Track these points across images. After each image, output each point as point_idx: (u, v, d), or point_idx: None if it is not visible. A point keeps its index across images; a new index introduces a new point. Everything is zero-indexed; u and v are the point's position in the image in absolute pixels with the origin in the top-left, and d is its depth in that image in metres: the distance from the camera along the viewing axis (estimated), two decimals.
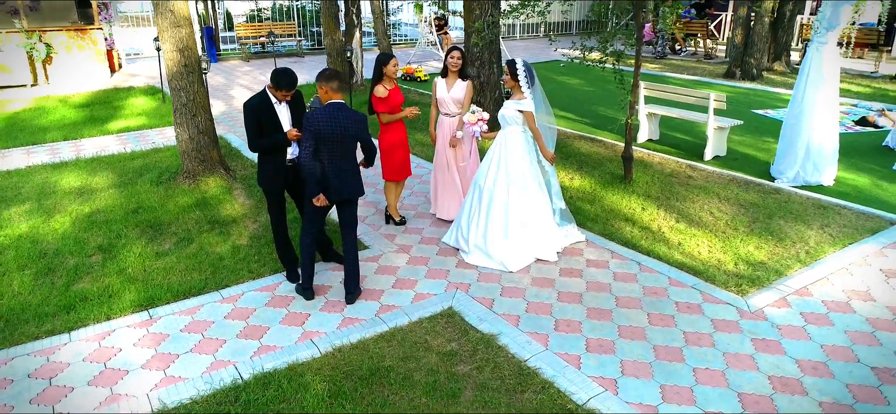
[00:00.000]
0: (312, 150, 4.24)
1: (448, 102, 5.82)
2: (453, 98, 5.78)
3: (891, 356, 3.89)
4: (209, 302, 4.63)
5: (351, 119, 4.31)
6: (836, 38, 6.70)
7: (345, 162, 4.36)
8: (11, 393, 3.64)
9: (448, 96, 5.81)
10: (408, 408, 3.45)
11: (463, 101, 5.76)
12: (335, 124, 4.24)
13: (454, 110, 5.82)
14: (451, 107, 5.81)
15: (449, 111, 5.85)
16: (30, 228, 6.02)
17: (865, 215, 6.13)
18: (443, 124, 5.90)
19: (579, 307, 4.49)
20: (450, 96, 5.80)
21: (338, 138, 4.25)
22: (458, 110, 5.81)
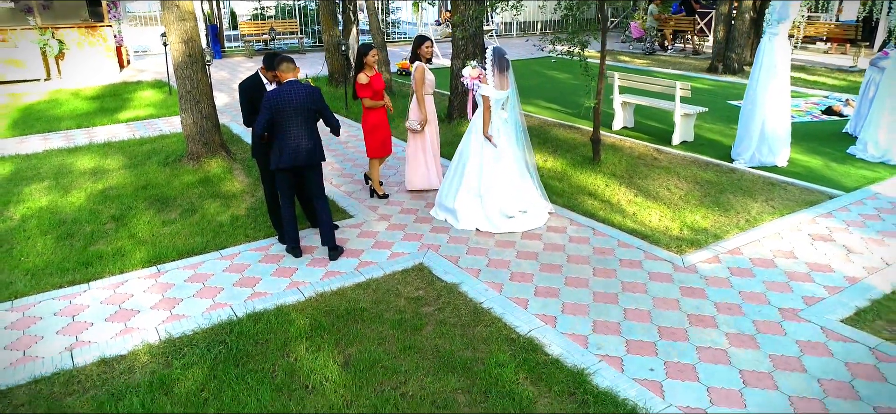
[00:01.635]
0: (266, 123, 4.86)
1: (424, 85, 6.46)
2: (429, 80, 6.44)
3: (798, 299, 4.47)
4: (210, 259, 5.26)
5: (305, 93, 4.92)
6: (786, 30, 7.27)
7: (303, 132, 4.93)
8: (40, 327, 4.28)
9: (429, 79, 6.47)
10: (377, 338, 4.07)
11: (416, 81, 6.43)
12: (291, 98, 4.86)
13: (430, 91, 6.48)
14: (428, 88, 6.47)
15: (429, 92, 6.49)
16: (49, 201, 6.67)
17: (809, 191, 6.71)
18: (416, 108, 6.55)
19: (534, 263, 5.09)
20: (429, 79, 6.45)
21: (294, 110, 4.86)
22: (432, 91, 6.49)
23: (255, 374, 3.70)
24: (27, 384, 3.67)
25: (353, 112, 10.56)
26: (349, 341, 4.04)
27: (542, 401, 3.44)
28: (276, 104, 4.86)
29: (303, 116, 4.93)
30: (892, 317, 4.26)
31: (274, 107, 4.86)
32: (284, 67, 4.93)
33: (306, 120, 4.95)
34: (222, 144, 8.00)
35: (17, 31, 14.16)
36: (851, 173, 7.30)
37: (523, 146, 6.02)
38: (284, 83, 4.93)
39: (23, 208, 6.48)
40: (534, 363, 3.75)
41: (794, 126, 9.49)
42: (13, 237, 5.78)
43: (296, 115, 4.90)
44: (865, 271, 4.88)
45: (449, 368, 3.73)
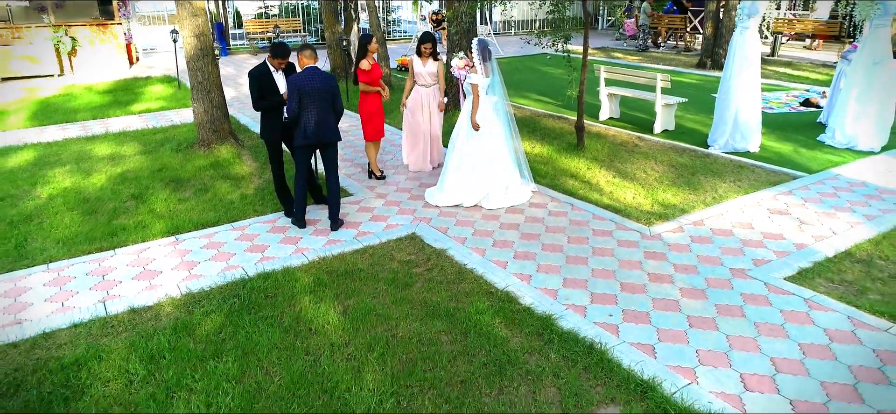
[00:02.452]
0: (298, 102, 5.40)
1: (425, 76, 7.04)
2: (428, 72, 7.01)
3: (748, 262, 5.00)
4: (223, 230, 5.82)
5: (323, 77, 5.47)
6: (756, 24, 7.79)
7: (322, 111, 5.48)
8: (74, 284, 4.84)
9: (424, 71, 7.03)
10: (372, 292, 4.61)
11: (436, 75, 7.03)
12: (312, 82, 5.40)
13: (430, 82, 7.06)
14: (427, 79, 7.05)
15: (425, 83, 7.07)
16: (72, 183, 7.24)
17: (775, 173, 7.23)
18: (418, 93, 7.12)
19: (515, 232, 5.63)
20: (425, 71, 7.02)
21: (315, 92, 5.40)
22: (433, 82, 7.06)
23: (265, 319, 4.25)
24: (68, 328, 4.22)
25: (353, 104, 11.09)
26: (347, 295, 4.58)
27: (514, 340, 3.98)
28: (301, 87, 5.39)
29: (322, 98, 5.47)
30: (830, 275, 4.78)
31: (299, 89, 5.40)
32: (307, 54, 5.48)
33: (325, 101, 5.48)
34: (231, 132, 8.55)
35: (32, 29, 14.77)
36: (818, 158, 7.82)
37: (510, 130, 6.56)
38: (305, 69, 5.47)
39: (49, 189, 7.04)
40: (509, 311, 4.29)
41: (772, 116, 10.09)
42: (42, 213, 6.34)
43: (316, 96, 5.43)
44: (813, 239, 5.41)
45: (434, 315, 4.27)
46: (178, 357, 3.84)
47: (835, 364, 3.69)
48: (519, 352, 3.84)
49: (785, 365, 3.68)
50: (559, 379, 3.59)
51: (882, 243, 5.30)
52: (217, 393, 3.51)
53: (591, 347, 3.85)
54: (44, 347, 4.03)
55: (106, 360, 3.84)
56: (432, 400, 3.44)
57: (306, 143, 5.57)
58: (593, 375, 3.63)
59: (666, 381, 3.52)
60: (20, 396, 3.55)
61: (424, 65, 7.06)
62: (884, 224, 5.68)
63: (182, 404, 3.43)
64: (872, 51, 8.03)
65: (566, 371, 3.65)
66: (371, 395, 3.47)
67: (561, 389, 3.50)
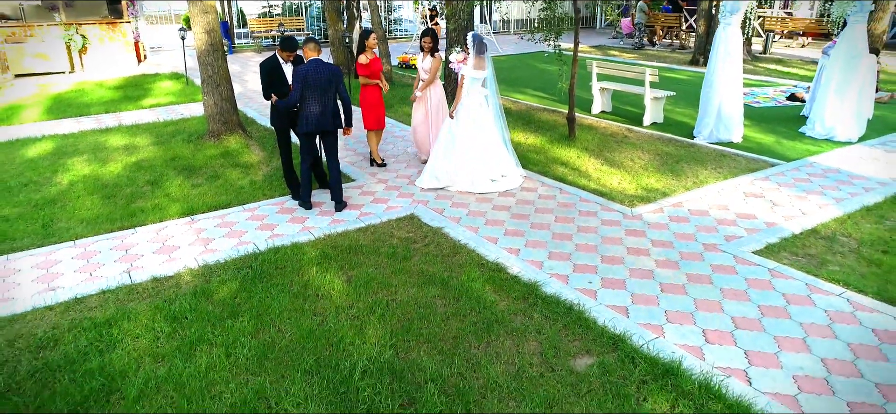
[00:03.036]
0: (300, 92, 5.82)
1: (421, 71, 7.42)
2: (424, 68, 7.37)
3: (720, 238, 5.41)
4: (235, 211, 6.24)
5: (327, 68, 5.88)
6: (738, 21, 8.20)
7: (324, 101, 5.89)
8: (100, 258, 5.27)
9: (422, 66, 7.41)
10: (374, 264, 5.03)
11: (429, 71, 7.33)
12: (316, 72, 5.81)
13: (424, 77, 7.42)
14: (422, 75, 7.40)
15: (423, 78, 7.44)
16: (91, 170, 7.67)
17: (754, 161, 7.64)
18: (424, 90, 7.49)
19: (506, 213, 6.05)
20: (422, 67, 7.40)
21: (319, 82, 5.82)
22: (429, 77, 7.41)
23: (276, 286, 4.68)
24: (97, 294, 4.65)
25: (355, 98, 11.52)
26: (351, 267, 5.01)
27: (502, 303, 4.40)
28: (305, 77, 5.81)
29: (324, 89, 5.88)
30: (794, 250, 5.19)
31: (304, 80, 5.81)
32: (311, 47, 5.91)
33: (327, 92, 5.90)
34: (239, 123, 8.98)
35: (44, 27, 15.22)
36: (797, 147, 8.23)
37: (501, 122, 6.97)
38: (309, 61, 5.90)
39: (69, 176, 7.47)
40: (498, 279, 4.71)
41: (758, 110, 10.51)
42: (65, 197, 6.78)
43: (319, 87, 5.85)
44: (783, 219, 5.82)
45: (430, 283, 4.69)
46: (199, 317, 4.27)
47: (790, 323, 4.10)
48: (506, 313, 4.26)
49: (744, 323, 4.10)
50: (541, 335, 4.01)
51: (846, 222, 5.70)
52: (235, 346, 3.93)
53: (571, 309, 4.26)
54: (76, 309, 4.46)
55: (134, 320, 4.27)
56: (427, 351, 3.86)
57: (308, 131, 5.99)
58: (572, 331, 4.04)
59: (636, 335, 3.94)
60: (59, 348, 3.97)
61: (423, 60, 7.44)
62: (850, 206, 6.08)
63: (205, 355, 3.86)
64: (849, 46, 8.44)
65: (547, 328, 4.07)
66: (372, 347, 3.90)
67: (542, 343, 3.92)
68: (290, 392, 3.50)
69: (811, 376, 3.56)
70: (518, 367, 3.70)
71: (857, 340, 3.89)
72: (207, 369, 3.71)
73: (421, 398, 3.43)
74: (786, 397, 3.39)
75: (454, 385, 3.53)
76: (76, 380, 3.64)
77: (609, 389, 3.47)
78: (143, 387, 3.56)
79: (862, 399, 3.37)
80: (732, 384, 3.47)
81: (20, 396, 3.53)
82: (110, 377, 3.66)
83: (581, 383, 3.53)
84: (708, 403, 3.32)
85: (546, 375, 3.62)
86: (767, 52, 16.96)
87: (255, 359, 3.81)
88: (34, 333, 4.15)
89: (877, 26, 14.10)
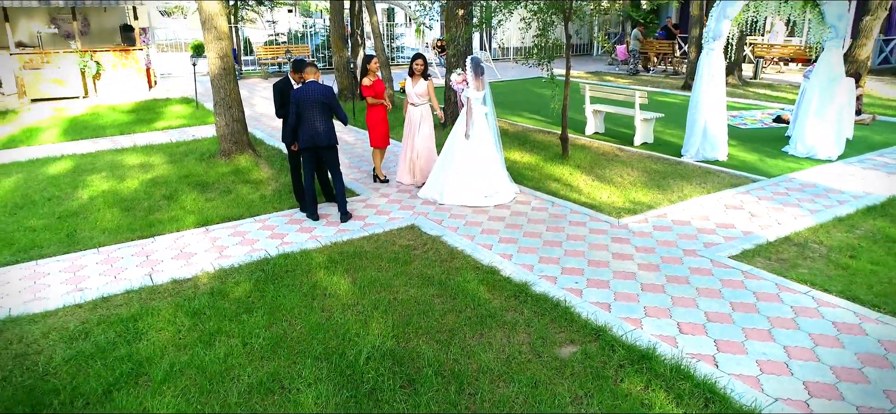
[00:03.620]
0: (295, 113, 6.29)
1: (412, 95, 7.81)
2: (418, 92, 7.78)
3: (700, 244, 5.80)
4: (247, 222, 6.66)
5: (320, 89, 6.35)
6: (721, 46, 8.68)
7: (319, 119, 6.34)
8: (123, 263, 5.67)
9: (412, 91, 7.80)
10: (377, 268, 5.43)
11: (423, 95, 7.73)
12: (310, 94, 6.29)
13: (419, 102, 7.80)
14: (416, 99, 7.79)
15: (414, 102, 7.82)
16: (109, 186, 8.11)
17: (737, 177, 8.06)
18: (408, 112, 7.87)
19: (500, 223, 6.46)
20: (414, 91, 7.79)
21: (313, 102, 6.29)
22: (421, 102, 7.77)
23: (287, 287, 5.07)
24: (122, 293, 5.05)
25: (360, 122, 12.02)
26: (356, 270, 5.40)
27: (494, 301, 4.78)
28: (298, 98, 6.29)
29: (319, 108, 6.35)
30: (768, 255, 5.58)
31: (297, 100, 6.30)
32: (308, 70, 6.40)
33: (321, 110, 6.37)
34: (249, 143, 9.45)
35: (60, 54, 15.83)
36: (779, 165, 8.66)
37: (497, 139, 7.42)
38: (306, 82, 6.38)
39: (89, 191, 7.92)
40: (491, 280, 5.10)
41: (745, 131, 10.96)
42: (86, 210, 7.20)
43: (313, 106, 6.32)
44: (760, 228, 6.21)
45: (429, 284, 5.08)
46: (217, 313, 4.66)
47: (758, 317, 4.47)
48: (498, 309, 4.64)
49: (715, 317, 4.48)
50: (530, 327, 4.39)
51: (819, 231, 6.10)
52: (250, 337, 4.32)
53: (558, 305, 4.64)
54: (103, 307, 4.85)
55: (157, 315, 4.66)
56: (425, 341, 4.23)
57: (305, 147, 6.45)
58: (558, 324, 4.42)
59: (616, 327, 4.32)
60: (90, 339, 4.36)
61: (415, 85, 7.72)
62: (824, 217, 6.48)
63: (223, 345, 4.24)
64: (827, 70, 8.91)
65: (536, 322, 4.45)
66: (376, 337, 4.27)
67: (531, 334, 4.30)
68: (302, 375, 3.87)
69: (773, 360, 3.93)
70: (508, 354, 4.07)
71: (819, 332, 4.26)
72: (226, 356, 4.09)
73: (420, 380, 3.80)
74: (749, 378, 3.75)
75: (450, 369, 3.91)
76: (108, 365, 4.02)
77: (590, 372, 3.84)
78: (168, 370, 3.94)
79: (817, 379, 3.73)
80: (701, 367, 3.84)
81: (57, 379, 3.91)
82: (138, 363, 4.04)
83: (565, 368, 3.90)
84: (678, 383, 3.68)
85: (533, 361, 3.99)
86: (758, 77, 17.51)
87: (268, 348, 4.19)
88: (66, 327, 4.54)
89: (860, 52, 14.65)
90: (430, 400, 3.60)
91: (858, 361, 3.91)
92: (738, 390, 3.61)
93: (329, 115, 6.48)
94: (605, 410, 3.50)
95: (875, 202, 6.89)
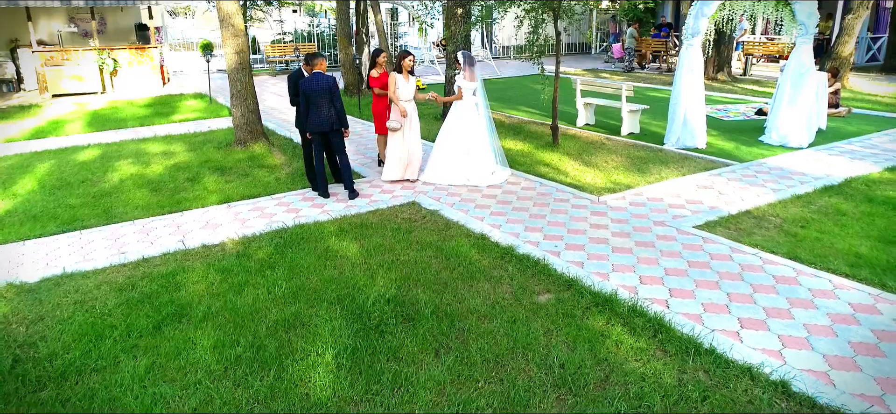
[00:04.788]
0: (304, 102, 7.05)
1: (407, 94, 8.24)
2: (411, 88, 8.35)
3: (668, 217, 6.52)
4: (264, 200, 7.41)
5: (325, 79, 7.09)
6: (699, 42, 9.38)
7: (325, 107, 7.07)
8: (157, 233, 6.42)
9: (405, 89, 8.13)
10: (381, 236, 6.16)
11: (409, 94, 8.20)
12: (316, 84, 7.03)
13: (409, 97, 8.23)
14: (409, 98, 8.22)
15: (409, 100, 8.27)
16: (136, 171, 8.87)
17: (712, 162, 8.77)
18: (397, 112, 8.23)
19: (492, 200, 7.19)
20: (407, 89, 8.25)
21: (319, 91, 7.02)
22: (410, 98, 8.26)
23: (302, 250, 5.81)
24: (159, 255, 5.79)
25: (365, 115, 12.76)
26: (363, 237, 6.14)
27: (483, 261, 5.50)
28: (306, 88, 7.04)
29: (324, 96, 7.09)
30: (728, 225, 6.29)
31: (305, 90, 7.05)
32: (316, 62, 7.14)
33: (327, 98, 7.10)
34: (263, 133, 10.20)
35: (79, 52, 16.63)
36: (754, 152, 9.35)
37: (491, 127, 8.14)
38: (313, 73, 7.12)
39: (118, 175, 8.68)
40: (481, 245, 5.83)
41: (728, 122, 11.65)
42: (118, 190, 7.96)
43: (319, 95, 7.06)
44: (725, 203, 6.92)
45: (427, 248, 5.81)
46: (243, 269, 5.40)
47: (709, 271, 5.19)
48: (486, 266, 5.37)
49: (673, 271, 5.19)
50: (513, 281, 5.11)
51: (777, 206, 6.80)
52: (273, 287, 5.05)
53: (538, 263, 5.37)
54: (144, 266, 5.60)
55: (191, 272, 5.40)
56: (423, 291, 4.96)
57: (313, 131, 7.19)
58: (537, 278, 5.14)
59: (586, 279, 5.04)
60: (136, 290, 5.10)
61: (407, 81, 7.93)
62: (784, 195, 7.18)
63: (250, 293, 4.97)
64: (798, 63, 9.61)
65: (518, 276, 5.17)
66: (381, 287, 5.01)
67: (513, 286, 5.02)
68: (319, 314, 4.61)
69: (716, 303, 4.65)
70: (493, 300, 4.80)
71: (759, 283, 4.97)
72: (253, 301, 4.83)
73: (418, 318, 4.52)
74: (693, 316, 4.47)
75: (443, 310, 4.63)
76: (155, 307, 4.76)
77: (561, 313, 4.56)
78: (206, 311, 4.68)
79: (749, 316, 4.45)
80: (654, 307, 4.56)
81: (113, 318, 4.65)
82: (180, 306, 4.78)
83: (540, 310, 4.62)
84: (633, 319, 4.40)
85: (514, 305, 4.71)
86: (747, 73, 18.17)
87: (289, 295, 4.92)
88: (115, 280, 5.29)
89: (843, 49, 15.34)
90: (426, 332, 4.33)
91: (787, 303, 4.62)
92: (682, 323, 4.33)
93: (333, 103, 7.21)
94: (570, 338, 4.22)
95: (833, 183, 7.58)
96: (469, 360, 3.99)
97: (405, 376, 3.84)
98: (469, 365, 3.93)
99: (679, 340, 4.12)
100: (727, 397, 3.56)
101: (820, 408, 3.47)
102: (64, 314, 4.73)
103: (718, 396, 3.57)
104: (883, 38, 20.64)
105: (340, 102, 7.27)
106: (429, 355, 4.07)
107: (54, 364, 4.07)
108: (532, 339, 4.23)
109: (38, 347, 4.29)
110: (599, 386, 3.71)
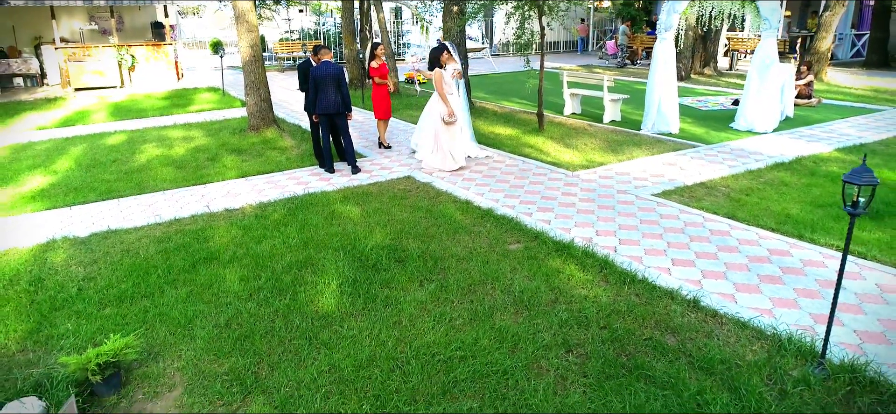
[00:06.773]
0: (313, 87, 7.98)
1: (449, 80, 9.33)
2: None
3: (632, 187, 7.42)
4: (277, 175, 8.37)
5: (333, 67, 8.02)
6: (672, 35, 10.28)
7: (332, 92, 8.00)
8: (184, 200, 7.39)
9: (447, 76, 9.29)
10: (379, 202, 7.10)
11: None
12: (324, 71, 7.96)
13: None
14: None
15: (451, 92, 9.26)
16: (161, 152, 9.85)
17: (682, 144, 9.66)
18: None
19: (478, 175, 8.12)
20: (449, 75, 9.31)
21: (327, 77, 7.95)
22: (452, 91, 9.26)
23: (312, 213, 6.75)
24: (188, 217, 6.75)
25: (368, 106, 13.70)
26: (363, 203, 7.08)
27: (466, 220, 6.43)
28: (315, 75, 7.99)
29: (331, 82, 8.03)
30: (682, 193, 7.19)
31: (314, 76, 8.00)
32: (322, 52, 8.09)
33: (334, 85, 8.05)
34: (274, 120, 11.16)
35: (100, 48, 17.65)
36: (721, 136, 10.24)
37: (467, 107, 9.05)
38: (322, 62, 8.07)
39: (145, 156, 9.66)
40: (465, 208, 6.76)
41: (704, 111, 12.52)
42: (146, 168, 8.94)
43: (327, 81, 8.00)
44: (684, 177, 7.82)
45: (418, 210, 6.75)
46: (261, 226, 6.36)
47: (656, 227, 6.10)
48: (468, 224, 6.30)
49: (625, 226, 6.11)
50: (490, 235, 6.03)
51: (728, 179, 7.70)
52: (287, 239, 6.00)
53: (512, 221, 6.30)
54: (177, 225, 6.56)
55: (217, 229, 6.36)
56: (413, 242, 5.89)
57: (321, 114, 8.13)
58: (510, 233, 6.06)
59: (552, 232, 5.96)
60: (172, 241, 6.05)
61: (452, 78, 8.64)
62: (738, 170, 8.07)
63: (268, 243, 5.92)
64: (763, 55, 10.48)
65: (494, 231, 6.10)
66: (378, 239, 5.94)
67: (489, 238, 5.95)
68: (326, 258, 5.55)
69: (655, 248, 5.56)
70: (471, 248, 5.73)
71: (695, 235, 5.88)
72: (271, 249, 5.78)
73: (407, 260, 5.46)
74: (635, 258, 5.39)
75: (429, 255, 5.57)
76: (189, 253, 5.72)
77: (527, 256, 5.48)
78: (231, 256, 5.63)
79: (681, 258, 5.35)
80: (603, 251, 5.47)
81: (154, 262, 5.60)
82: (210, 253, 5.74)
83: (510, 255, 5.55)
84: (585, 260, 5.32)
85: (489, 252, 5.64)
86: (733, 68, 19.02)
87: (301, 244, 5.87)
88: (153, 235, 6.25)
89: (821, 44, 16.18)
90: (414, 269, 5.26)
91: (715, 249, 5.53)
92: (625, 263, 5.24)
93: (339, 89, 8.16)
94: (531, 273, 5.15)
95: (785, 160, 8.47)
96: (447, 287, 4.92)
97: (395, 298, 4.78)
98: (446, 291, 4.87)
99: (619, 274, 5.04)
100: (650, 311, 4.48)
101: (720, 317, 4.38)
102: (114, 258, 5.69)
103: (642, 309, 4.49)
104: (866, 36, 21.43)
105: (346, 88, 8.21)
106: (415, 285, 5.01)
107: (111, 292, 5.03)
108: (500, 274, 5.15)
109: (96, 280, 5.26)
110: (549, 304, 4.64)
